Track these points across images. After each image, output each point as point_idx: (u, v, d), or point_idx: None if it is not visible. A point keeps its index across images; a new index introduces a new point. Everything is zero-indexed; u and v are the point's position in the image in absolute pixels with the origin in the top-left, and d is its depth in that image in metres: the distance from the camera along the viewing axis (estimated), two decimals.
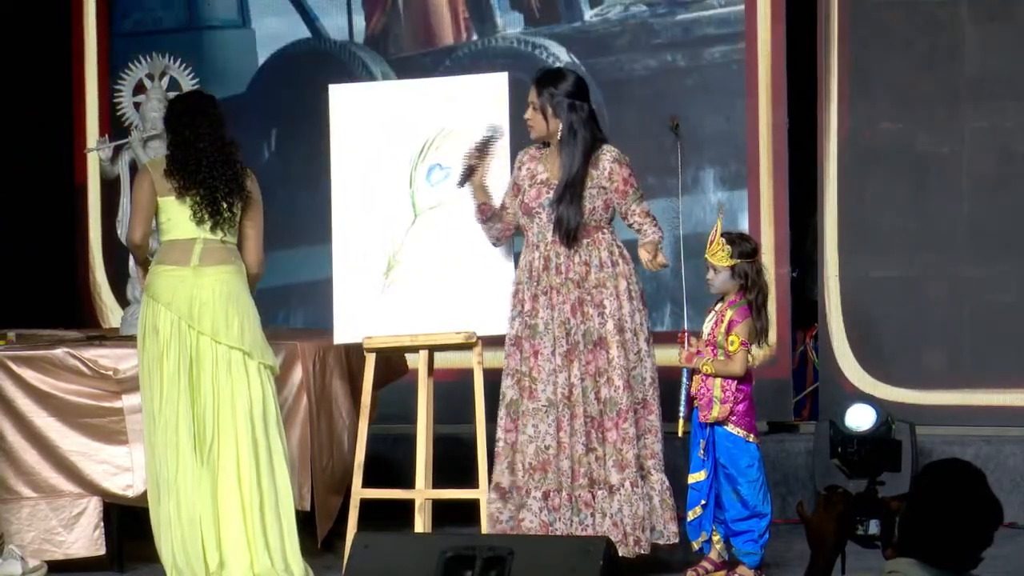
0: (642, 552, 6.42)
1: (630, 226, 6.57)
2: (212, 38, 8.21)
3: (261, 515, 6.32)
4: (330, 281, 6.94)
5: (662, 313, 8.37)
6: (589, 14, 7.82)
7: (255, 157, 8.17)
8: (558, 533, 6.34)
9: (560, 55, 7.89)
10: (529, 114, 6.54)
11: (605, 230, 6.51)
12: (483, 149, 6.62)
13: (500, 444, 6.49)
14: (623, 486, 6.40)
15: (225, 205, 6.38)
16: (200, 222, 6.38)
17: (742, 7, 8.25)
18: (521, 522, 6.40)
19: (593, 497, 6.40)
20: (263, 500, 6.33)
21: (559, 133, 6.48)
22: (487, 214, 6.64)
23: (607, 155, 6.51)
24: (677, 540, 6.54)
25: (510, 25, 7.86)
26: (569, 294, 6.43)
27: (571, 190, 6.43)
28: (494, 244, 6.72)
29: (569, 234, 6.43)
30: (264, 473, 6.35)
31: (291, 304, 8.37)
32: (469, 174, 6.62)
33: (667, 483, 6.51)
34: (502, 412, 6.49)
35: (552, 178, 6.51)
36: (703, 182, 8.37)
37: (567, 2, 7.72)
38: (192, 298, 6.35)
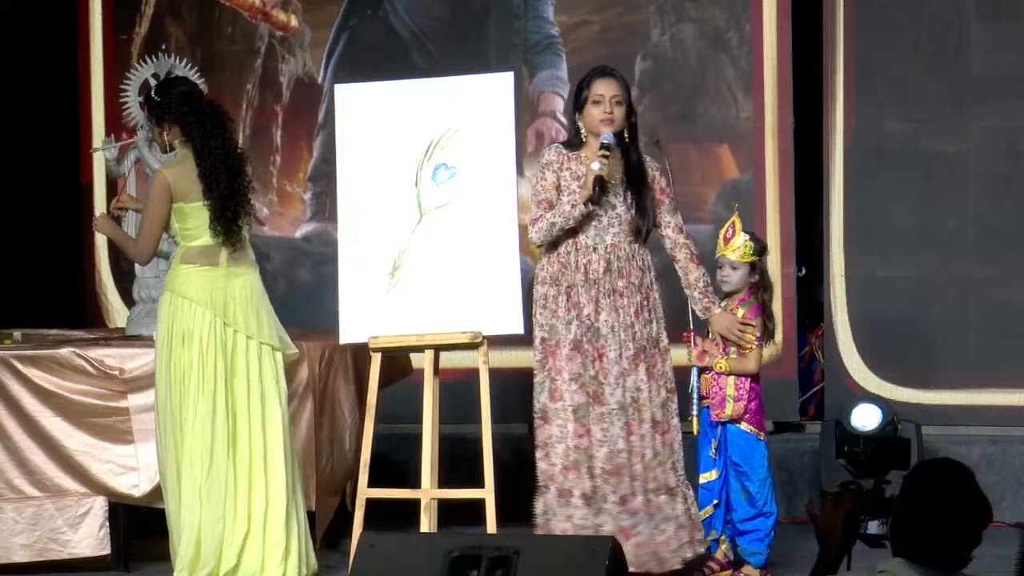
0: (699, 552, 6.40)
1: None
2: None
3: (287, 515, 6.37)
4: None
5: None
6: None
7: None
8: (637, 538, 6.28)
9: None
10: (615, 110, 6.41)
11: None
12: (607, 157, 6.38)
13: (569, 450, 6.34)
14: (679, 487, 6.40)
15: (238, 226, 6.42)
16: (215, 234, 6.39)
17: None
18: (600, 527, 6.29)
19: (655, 502, 6.36)
20: (287, 500, 6.38)
21: (625, 128, 6.46)
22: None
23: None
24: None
25: None
26: (632, 297, 6.40)
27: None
28: (542, 243, 6.50)
29: (645, 235, 6.43)
30: (290, 472, 6.41)
31: None
32: (602, 185, 6.37)
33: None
34: (568, 416, 6.35)
35: (611, 178, 6.40)
36: (705, 180, 8.39)
37: None
38: (227, 297, 6.41)
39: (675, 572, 6.38)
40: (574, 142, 6.51)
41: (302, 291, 8.86)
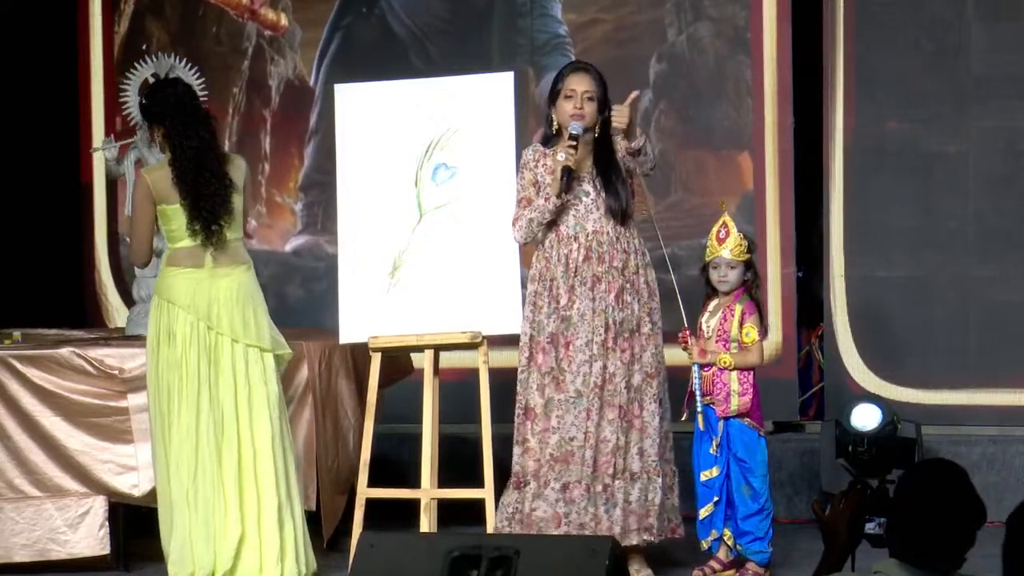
0: (651, 540, 6.38)
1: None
2: None
3: (279, 516, 6.36)
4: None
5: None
6: None
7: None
8: (567, 527, 6.29)
9: None
10: (586, 105, 6.40)
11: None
12: (575, 147, 6.39)
13: (533, 441, 6.38)
14: (643, 472, 6.37)
15: (217, 226, 6.36)
16: (194, 235, 6.37)
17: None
18: (533, 512, 6.33)
19: (611, 487, 6.34)
20: (280, 501, 6.37)
21: (597, 124, 6.45)
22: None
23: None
24: (681, 534, 6.54)
25: None
26: (613, 282, 6.39)
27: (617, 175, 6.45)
28: (525, 241, 6.55)
29: (622, 215, 6.40)
30: (281, 472, 6.39)
31: None
32: (571, 176, 6.38)
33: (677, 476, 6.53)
34: (538, 413, 6.38)
35: (581, 169, 6.42)
36: (706, 179, 8.38)
37: None
38: (210, 300, 6.37)
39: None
40: (548, 134, 6.52)
41: (292, 309, 8.61)
